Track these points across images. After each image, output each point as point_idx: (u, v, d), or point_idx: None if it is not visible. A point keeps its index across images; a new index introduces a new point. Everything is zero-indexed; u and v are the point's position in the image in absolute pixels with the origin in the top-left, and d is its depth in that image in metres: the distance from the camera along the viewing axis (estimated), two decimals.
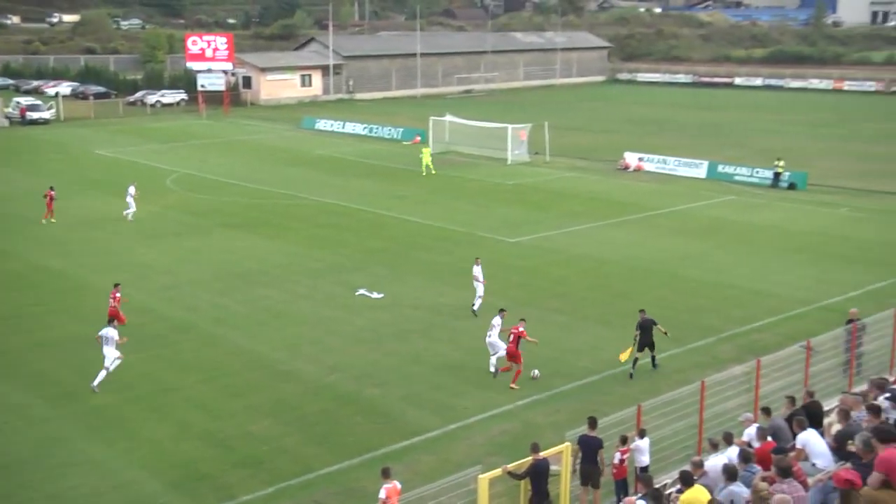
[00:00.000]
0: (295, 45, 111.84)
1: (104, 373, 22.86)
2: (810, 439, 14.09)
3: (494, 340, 23.77)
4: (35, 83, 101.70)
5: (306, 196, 47.51)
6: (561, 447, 15.91)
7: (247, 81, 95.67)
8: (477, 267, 28.74)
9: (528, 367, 23.47)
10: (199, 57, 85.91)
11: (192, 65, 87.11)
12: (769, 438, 14.65)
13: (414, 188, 49.82)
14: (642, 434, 16.93)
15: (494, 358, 23.81)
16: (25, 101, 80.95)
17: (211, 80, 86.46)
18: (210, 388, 23.30)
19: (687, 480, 12.89)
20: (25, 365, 24.83)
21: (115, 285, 26.81)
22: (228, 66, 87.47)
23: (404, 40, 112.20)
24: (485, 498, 14.62)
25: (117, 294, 26.34)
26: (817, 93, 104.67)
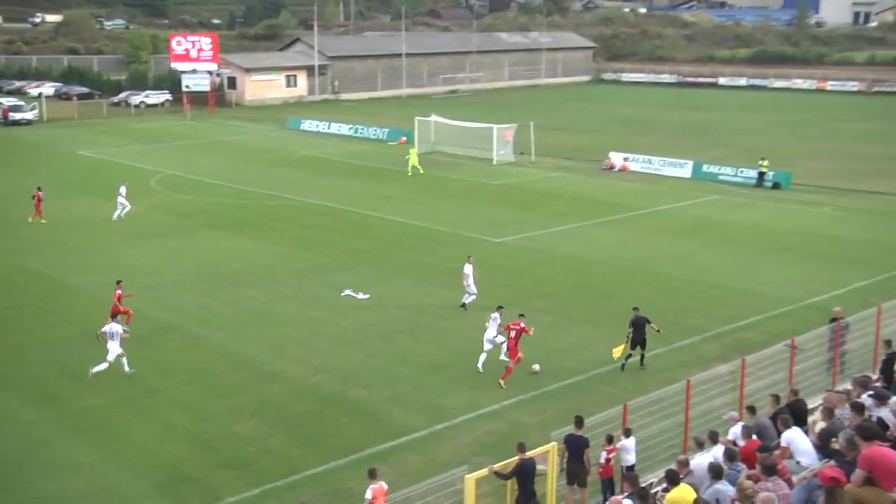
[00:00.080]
0: (280, 46, 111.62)
1: (105, 365, 23.29)
2: (795, 437, 14.17)
3: (491, 336, 23.96)
4: (17, 84, 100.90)
5: (291, 197, 47.40)
6: (547, 447, 15.94)
7: (231, 82, 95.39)
8: (468, 265, 28.90)
9: (525, 363, 23.64)
10: (184, 57, 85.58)
11: (177, 65, 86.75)
12: (754, 437, 14.72)
13: (399, 188, 49.80)
14: (628, 433, 16.99)
15: (494, 348, 24.07)
16: (8, 101, 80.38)
17: (195, 81, 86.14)
18: (195, 389, 23.22)
19: (673, 479, 12.93)
20: (8, 367, 24.65)
21: (117, 282, 27.31)
22: (213, 66, 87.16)
23: (389, 40, 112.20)
24: (471, 498, 14.64)
25: (118, 291, 26.78)
26: (801, 93, 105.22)
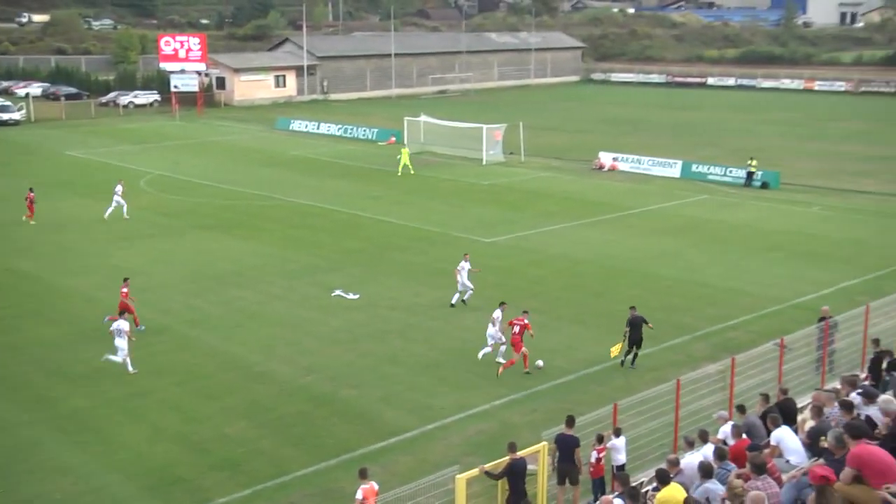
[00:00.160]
0: (269, 46, 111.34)
1: (119, 358, 23.76)
2: (784, 436, 14.22)
3: (494, 332, 24.12)
4: (5, 84, 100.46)
5: (281, 197, 47.31)
6: (538, 446, 15.96)
7: (220, 82, 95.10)
8: (465, 262, 29.25)
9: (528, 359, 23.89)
10: (172, 58, 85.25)
11: (165, 65, 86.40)
12: (744, 436, 14.75)
13: (389, 189, 49.75)
14: (618, 433, 17.03)
15: (493, 350, 24.39)
16: None
17: (184, 81, 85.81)
18: (185, 390, 23.15)
19: (663, 478, 12.95)
20: None
21: (124, 279, 27.46)
22: (202, 66, 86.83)
23: (379, 41, 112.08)
24: (462, 498, 14.64)
25: (125, 289, 26.94)
26: (789, 93, 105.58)
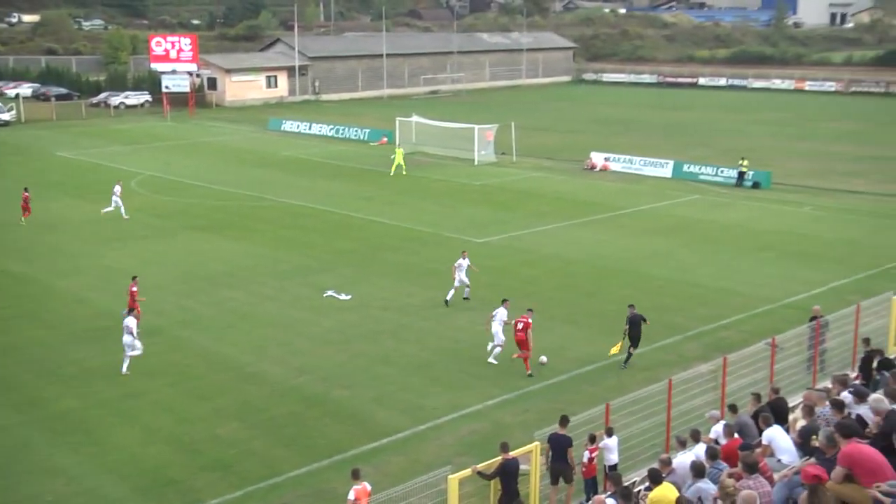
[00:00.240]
0: (260, 46, 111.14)
1: (138, 352, 24.08)
2: (776, 435, 14.24)
3: (497, 331, 24.18)
4: None
5: (272, 198, 47.25)
6: (530, 446, 15.97)
7: (212, 83, 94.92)
8: (463, 259, 29.44)
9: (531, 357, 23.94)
10: (164, 58, 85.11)
11: (157, 66, 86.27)
12: (736, 435, 14.78)
13: (381, 189, 49.72)
14: (610, 432, 17.05)
15: (497, 348, 24.38)
16: None
17: (175, 82, 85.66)
18: (176, 391, 23.10)
19: (655, 478, 12.97)
20: None
21: (133, 278, 27.70)
22: (193, 67, 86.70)
23: (370, 41, 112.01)
24: (455, 498, 14.63)
25: (133, 288, 27.15)
26: (780, 93, 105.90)
